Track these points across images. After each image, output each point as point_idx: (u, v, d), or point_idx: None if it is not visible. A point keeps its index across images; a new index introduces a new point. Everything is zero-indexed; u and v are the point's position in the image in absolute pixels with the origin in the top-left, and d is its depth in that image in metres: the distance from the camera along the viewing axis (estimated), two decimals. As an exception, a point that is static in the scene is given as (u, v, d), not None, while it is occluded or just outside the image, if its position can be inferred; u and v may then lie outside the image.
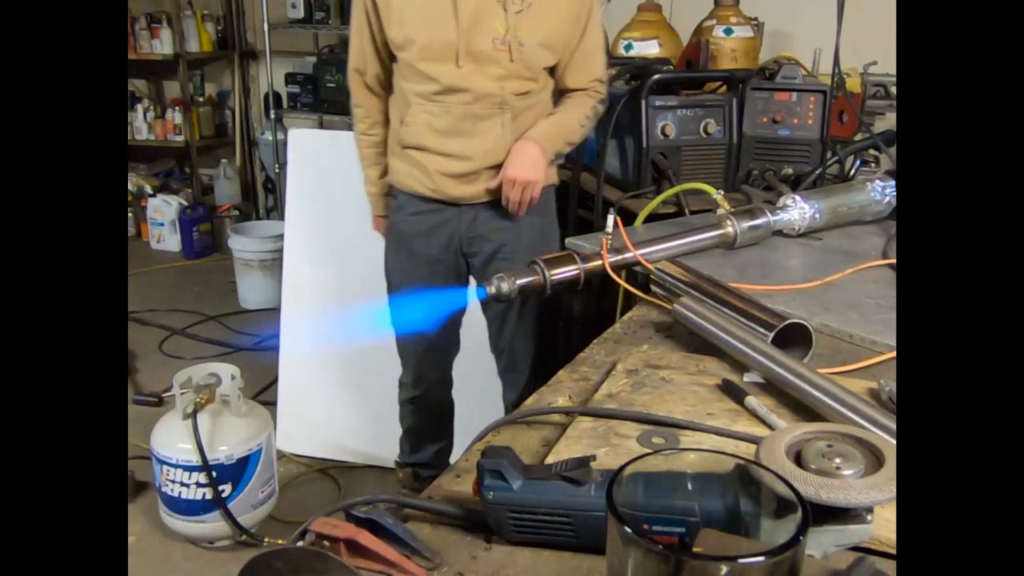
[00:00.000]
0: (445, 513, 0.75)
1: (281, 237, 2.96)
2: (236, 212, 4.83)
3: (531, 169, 1.71)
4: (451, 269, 1.90)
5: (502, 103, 1.70)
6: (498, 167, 1.74)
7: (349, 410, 2.70)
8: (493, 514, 0.70)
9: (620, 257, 1.32)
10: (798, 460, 0.68)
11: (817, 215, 1.55)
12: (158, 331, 3.71)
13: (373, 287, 2.65)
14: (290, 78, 4.44)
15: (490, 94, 1.69)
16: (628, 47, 2.67)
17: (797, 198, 1.56)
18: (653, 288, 1.29)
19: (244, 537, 2.21)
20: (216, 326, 3.83)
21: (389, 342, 2.61)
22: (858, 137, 2.20)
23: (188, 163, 5.13)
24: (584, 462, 0.70)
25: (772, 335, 1.02)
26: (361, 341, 2.42)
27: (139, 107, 5.00)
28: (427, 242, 1.85)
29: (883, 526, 0.69)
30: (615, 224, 1.33)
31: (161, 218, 4.86)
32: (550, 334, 2.04)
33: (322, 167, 2.71)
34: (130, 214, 4.99)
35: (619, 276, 1.31)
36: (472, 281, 1.95)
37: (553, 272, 1.26)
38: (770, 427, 0.88)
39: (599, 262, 1.30)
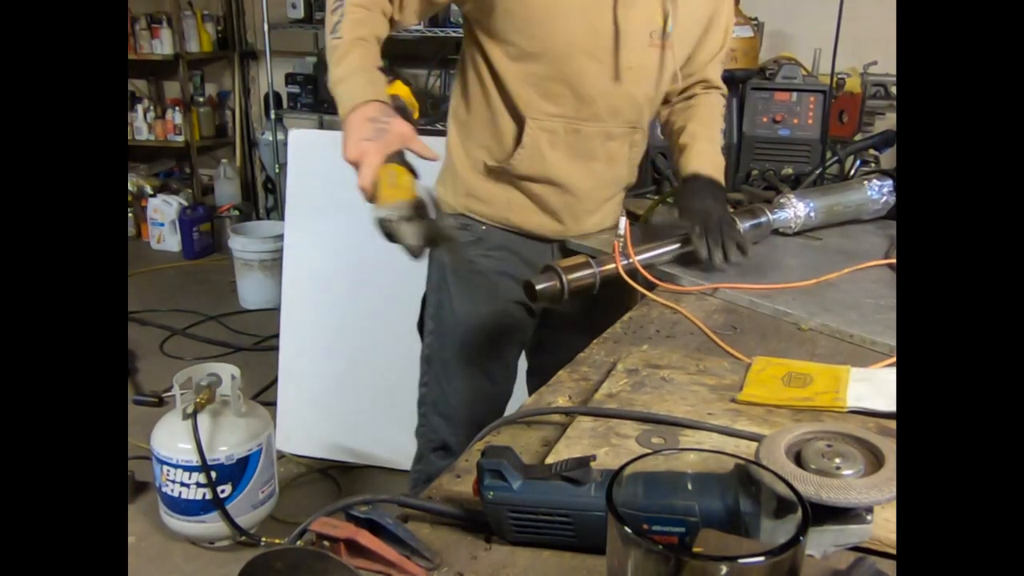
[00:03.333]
0: (445, 513, 0.75)
1: (281, 237, 2.96)
2: (236, 212, 4.83)
3: None
4: (529, 319, 1.58)
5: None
6: None
7: (349, 410, 2.70)
8: (493, 514, 0.70)
9: (631, 261, 1.31)
10: (798, 460, 0.68)
11: (812, 213, 1.55)
12: (158, 331, 3.71)
13: (373, 287, 2.66)
14: (290, 78, 4.44)
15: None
16: (628, 47, 2.67)
17: (792, 197, 1.56)
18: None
19: (244, 537, 2.22)
20: (216, 326, 3.83)
21: (389, 341, 2.62)
22: (858, 137, 2.20)
23: (188, 163, 5.13)
24: (584, 462, 0.70)
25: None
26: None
27: (139, 107, 5.00)
28: (513, 284, 1.46)
29: (883, 526, 0.69)
30: (625, 228, 1.32)
31: (161, 218, 4.86)
32: None
33: (322, 167, 2.71)
34: (130, 214, 4.99)
35: (632, 279, 1.30)
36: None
37: (571, 277, 1.24)
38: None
39: (612, 266, 1.29)
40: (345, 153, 1.15)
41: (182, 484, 2.16)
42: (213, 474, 2.13)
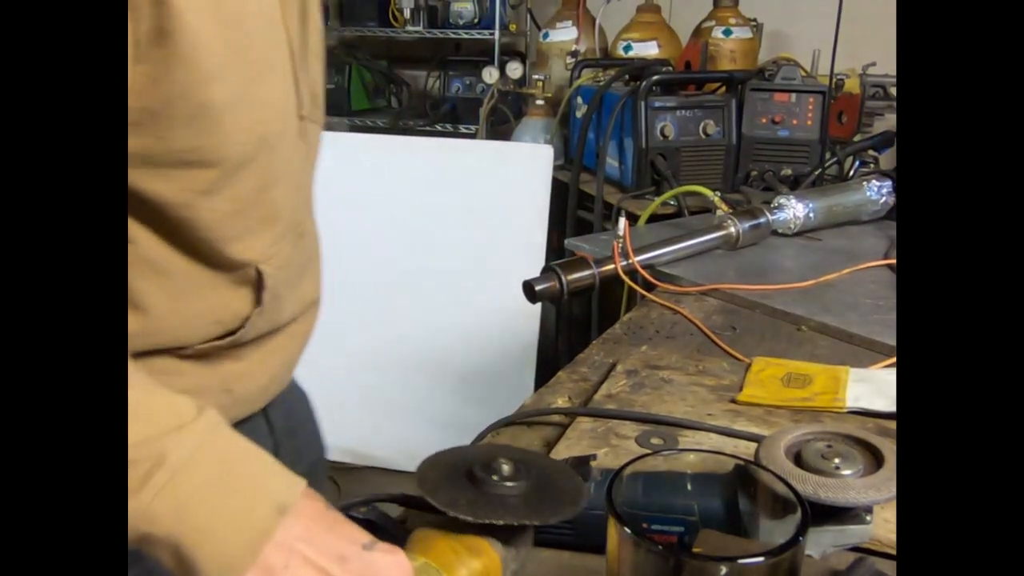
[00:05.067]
0: (445, 513, 0.75)
1: (280, 238, 2.96)
2: (235, 213, 4.83)
3: None
4: None
5: None
6: None
7: (349, 410, 2.71)
8: (493, 514, 0.70)
9: (630, 261, 1.31)
10: (797, 460, 0.68)
11: (811, 214, 1.56)
12: (157, 332, 3.70)
13: (372, 287, 2.66)
14: (290, 79, 4.42)
15: None
16: (627, 48, 2.68)
17: (791, 197, 1.56)
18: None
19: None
20: (215, 327, 3.83)
21: (389, 341, 2.62)
22: (857, 138, 2.20)
23: (187, 164, 5.12)
24: (584, 462, 0.70)
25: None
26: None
27: (138, 108, 4.99)
28: None
29: (883, 526, 0.69)
30: (625, 228, 1.32)
31: (160, 219, 4.85)
32: None
33: (321, 168, 2.71)
34: (129, 215, 4.99)
35: (631, 280, 1.30)
36: None
37: (570, 277, 1.24)
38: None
39: (611, 266, 1.29)
40: None
41: (181, 485, 2.16)
42: (212, 475, 2.13)
